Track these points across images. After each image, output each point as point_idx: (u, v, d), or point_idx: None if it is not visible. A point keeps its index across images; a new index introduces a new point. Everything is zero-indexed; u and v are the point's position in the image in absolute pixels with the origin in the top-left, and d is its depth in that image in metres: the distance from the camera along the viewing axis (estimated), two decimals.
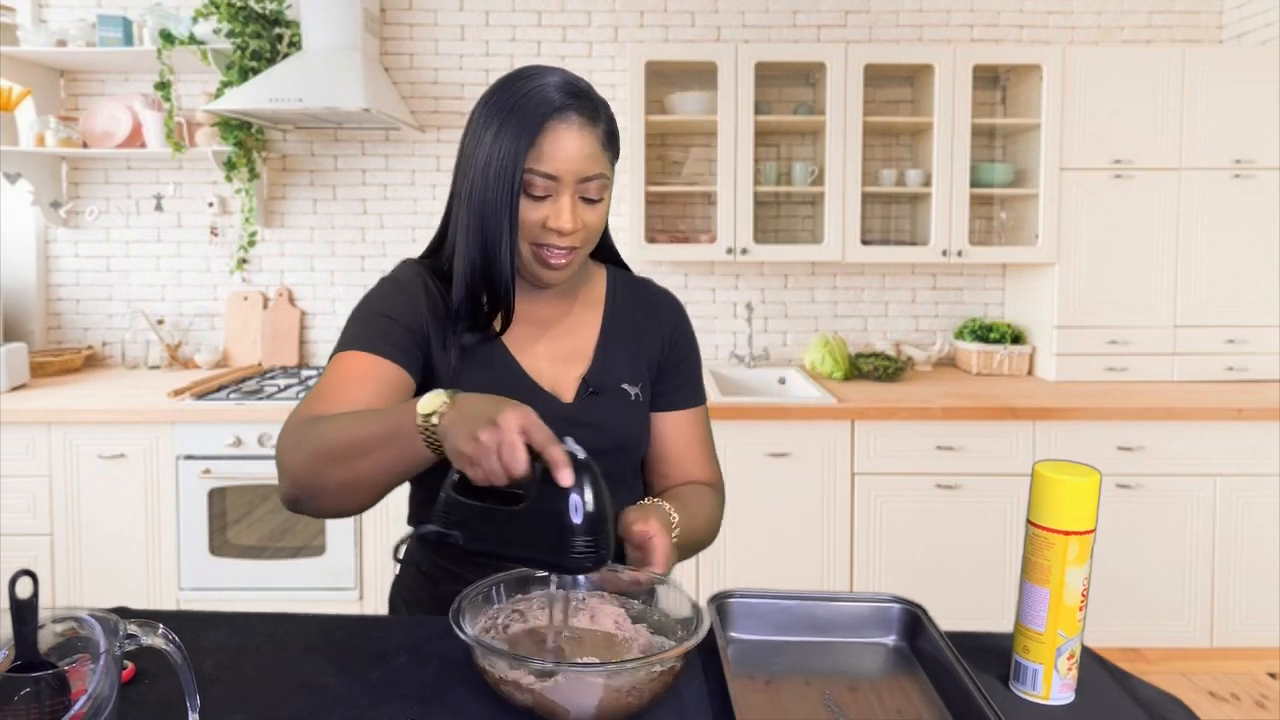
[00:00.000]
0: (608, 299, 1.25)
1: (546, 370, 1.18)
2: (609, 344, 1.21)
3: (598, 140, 1.07)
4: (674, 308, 1.30)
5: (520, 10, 3.29)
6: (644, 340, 1.24)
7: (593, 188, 1.07)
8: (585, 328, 1.22)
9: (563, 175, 1.05)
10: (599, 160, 1.07)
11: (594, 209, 1.09)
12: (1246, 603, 2.78)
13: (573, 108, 1.05)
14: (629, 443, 1.20)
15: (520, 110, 1.05)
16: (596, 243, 1.15)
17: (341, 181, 3.34)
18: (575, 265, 1.13)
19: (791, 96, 3.32)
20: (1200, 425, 2.73)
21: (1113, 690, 0.94)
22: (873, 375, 3.11)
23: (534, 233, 1.08)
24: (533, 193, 1.06)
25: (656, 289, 1.31)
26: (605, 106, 1.11)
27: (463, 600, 0.91)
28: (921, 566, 2.76)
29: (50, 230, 3.33)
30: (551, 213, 1.06)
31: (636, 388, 1.21)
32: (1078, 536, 0.89)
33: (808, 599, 1.06)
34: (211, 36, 3.00)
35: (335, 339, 1.15)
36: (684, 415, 1.26)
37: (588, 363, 1.19)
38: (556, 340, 1.20)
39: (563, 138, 1.04)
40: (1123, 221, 3.02)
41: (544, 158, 1.04)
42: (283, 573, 2.75)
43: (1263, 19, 3.10)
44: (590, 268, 1.26)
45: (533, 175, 1.05)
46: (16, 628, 0.69)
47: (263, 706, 0.88)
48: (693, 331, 1.31)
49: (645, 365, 1.23)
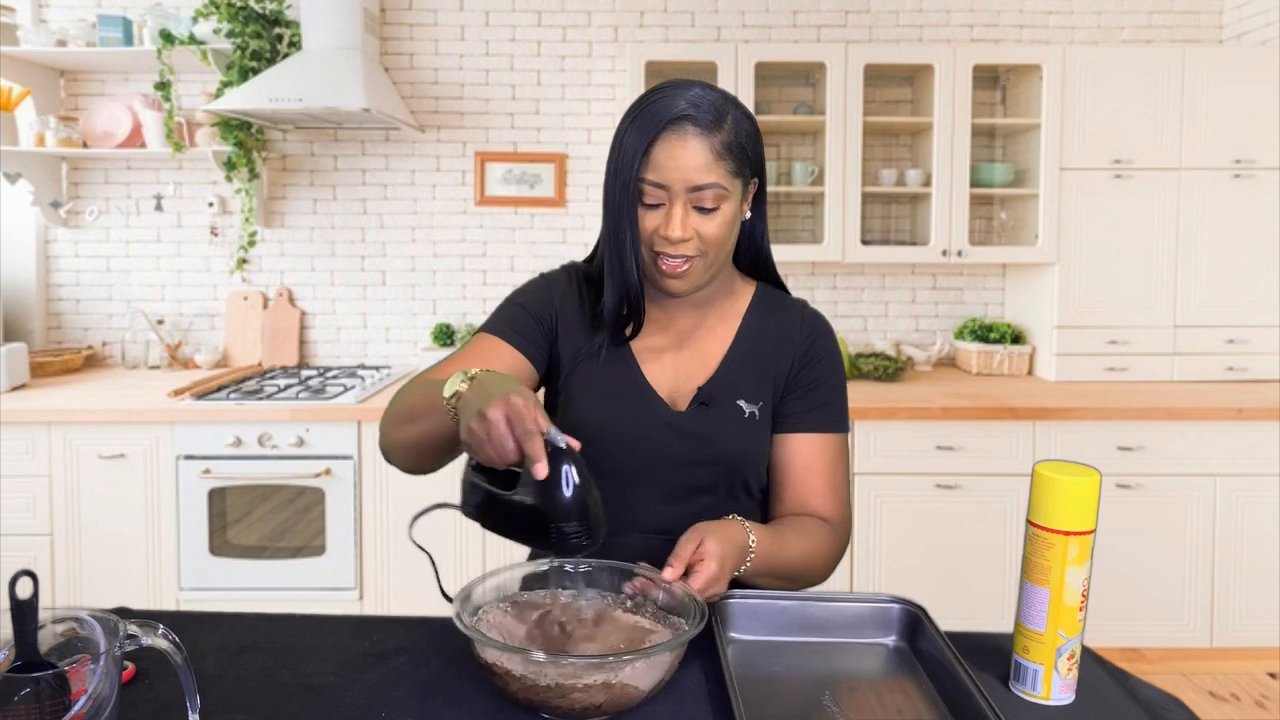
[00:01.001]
0: (747, 314, 1.23)
1: (669, 378, 1.18)
2: (735, 359, 1.20)
3: (712, 150, 1.06)
4: (815, 327, 1.24)
5: (520, 10, 3.29)
6: (775, 358, 1.21)
7: (707, 197, 1.07)
8: (716, 340, 1.21)
9: (672, 184, 1.07)
10: (712, 170, 1.07)
11: (710, 218, 1.09)
12: (1246, 603, 2.78)
13: (689, 118, 1.06)
14: (734, 458, 1.17)
15: (640, 120, 1.08)
16: (723, 253, 1.13)
17: (341, 181, 3.34)
18: (698, 274, 1.12)
19: (791, 96, 3.32)
20: (1200, 425, 2.73)
21: (1113, 690, 0.94)
22: (873, 375, 3.11)
23: (650, 240, 1.11)
24: (646, 201, 1.09)
25: (806, 310, 1.26)
26: (736, 118, 1.10)
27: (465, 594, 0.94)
28: (921, 566, 2.76)
29: (50, 230, 3.33)
30: (663, 221, 1.08)
31: (755, 406, 1.18)
32: (1078, 537, 0.89)
33: (807, 599, 1.06)
34: (211, 36, 3.00)
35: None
36: (809, 440, 1.20)
37: (710, 374, 1.19)
38: (685, 350, 1.20)
39: (674, 147, 1.06)
40: (1123, 221, 3.02)
41: (654, 167, 1.07)
42: (283, 573, 2.75)
43: (1263, 19, 3.10)
44: (737, 282, 1.25)
45: (645, 184, 1.08)
46: (16, 628, 0.69)
47: (263, 706, 0.88)
48: (837, 354, 1.25)
49: (771, 383, 1.20)
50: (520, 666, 0.82)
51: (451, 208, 3.34)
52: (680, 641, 0.86)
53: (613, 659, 0.82)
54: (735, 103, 1.12)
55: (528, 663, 0.82)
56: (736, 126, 1.09)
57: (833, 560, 1.18)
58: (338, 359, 3.35)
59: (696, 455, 1.16)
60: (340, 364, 3.32)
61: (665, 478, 1.15)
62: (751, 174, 1.14)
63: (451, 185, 3.34)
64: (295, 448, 2.71)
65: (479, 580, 0.98)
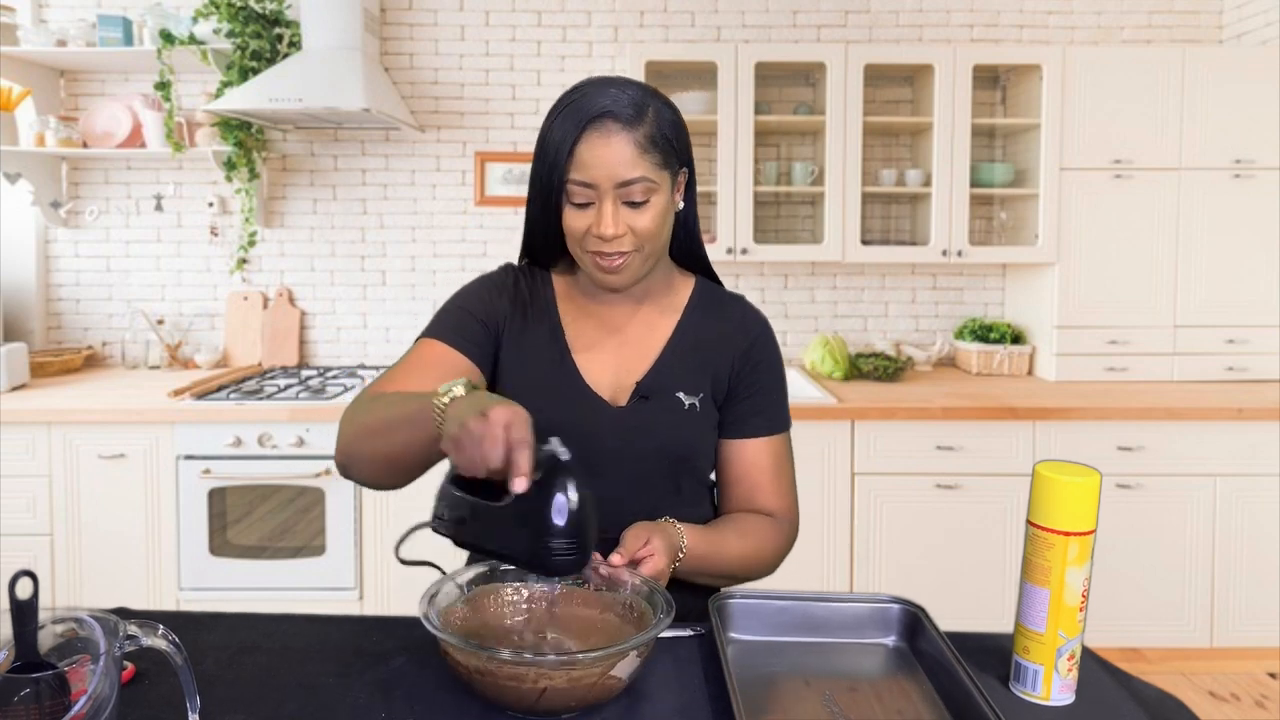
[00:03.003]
0: (687, 309, 1.23)
1: (609, 374, 1.19)
2: (674, 352, 1.20)
3: (636, 144, 1.06)
4: (755, 327, 1.25)
5: (520, 10, 3.29)
6: (714, 354, 1.21)
7: (636, 191, 1.07)
8: (656, 334, 1.21)
9: (599, 182, 1.06)
10: (638, 164, 1.06)
11: (641, 212, 1.09)
12: (1246, 603, 2.78)
13: (611, 114, 1.06)
14: (677, 449, 1.18)
15: (562, 121, 1.08)
16: (659, 246, 1.14)
17: (341, 181, 3.34)
18: (636, 268, 1.13)
19: (791, 96, 3.32)
20: (1200, 425, 2.73)
21: (1113, 690, 0.94)
22: (873, 375, 3.11)
23: (584, 240, 1.10)
24: (575, 201, 1.09)
25: (745, 307, 1.27)
26: (658, 109, 1.10)
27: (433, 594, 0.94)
28: (921, 566, 2.76)
29: (50, 230, 3.33)
30: (595, 220, 1.08)
31: (695, 398, 1.18)
32: (1078, 537, 0.89)
33: (807, 599, 1.06)
34: (211, 36, 3.00)
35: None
36: (753, 444, 1.22)
37: (649, 368, 1.19)
38: (624, 345, 1.20)
39: (597, 145, 1.06)
40: (1123, 221, 3.02)
41: (579, 166, 1.06)
42: (283, 573, 2.75)
43: (1263, 19, 3.10)
44: (676, 277, 1.26)
45: (572, 184, 1.07)
46: (16, 628, 0.69)
47: (263, 706, 0.88)
48: (778, 354, 1.26)
49: (710, 378, 1.20)
50: (497, 665, 0.83)
51: (451, 208, 3.34)
52: (655, 633, 0.87)
53: (599, 654, 0.83)
54: (656, 95, 1.12)
55: (502, 663, 0.83)
56: (659, 118, 1.09)
57: (777, 555, 1.21)
58: (338, 359, 3.35)
59: (640, 449, 1.16)
60: (340, 364, 3.32)
61: (610, 474, 1.14)
62: (679, 164, 1.14)
63: (451, 185, 3.34)
64: (295, 448, 2.71)
65: (445, 579, 0.99)
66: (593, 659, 0.82)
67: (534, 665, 0.82)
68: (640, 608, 0.97)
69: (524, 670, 0.82)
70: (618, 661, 0.84)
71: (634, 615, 0.97)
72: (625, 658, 0.84)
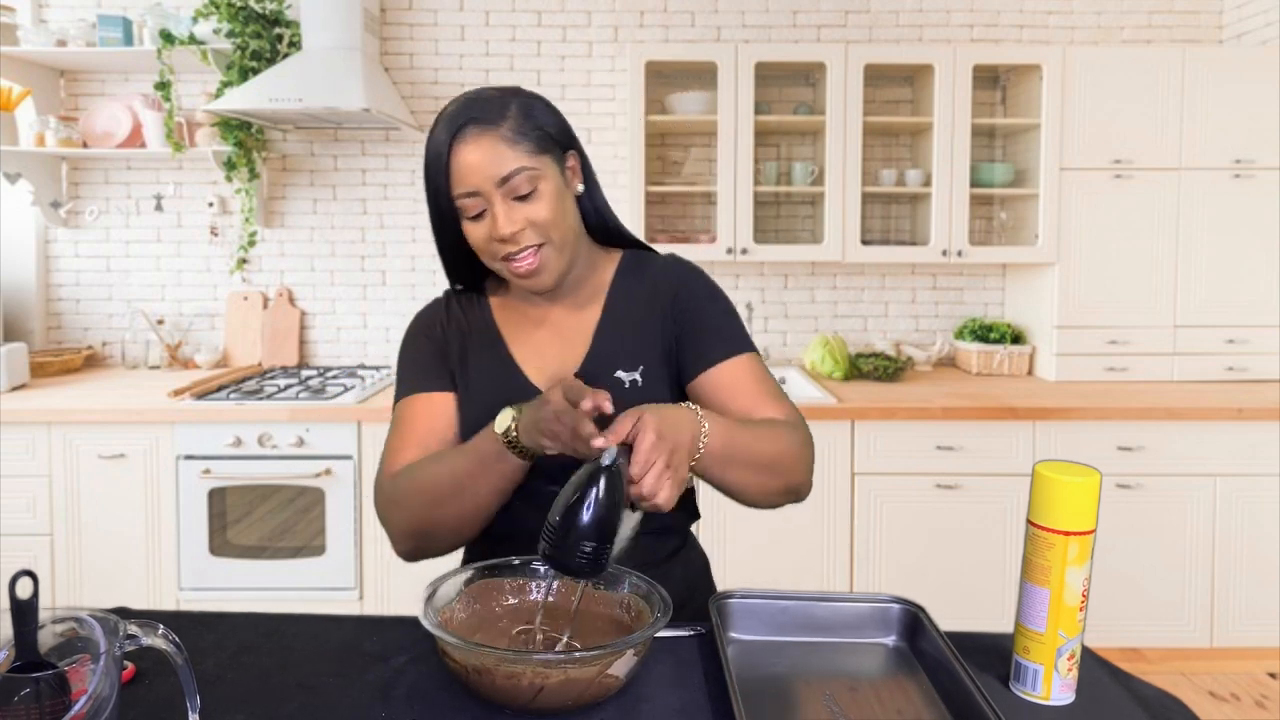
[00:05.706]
0: (611, 285, 1.23)
1: (551, 369, 1.18)
2: (605, 333, 1.19)
3: (502, 139, 1.07)
4: (674, 273, 1.22)
5: (520, 10, 3.29)
6: (645, 320, 1.19)
7: (519, 184, 1.07)
8: (586, 319, 1.21)
9: (480, 186, 1.07)
10: (509, 156, 1.06)
11: (533, 203, 1.08)
12: (1246, 603, 2.78)
13: (472, 120, 1.07)
14: None
15: (432, 142, 1.09)
16: (568, 234, 1.12)
17: (341, 181, 3.34)
18: (553, 263, 1.12)
19: (791, 96, 3.32)
20: (1200, 425, 2.73)
21: (1113, 690, 0.94)
22: (873, 375, 3.11)
23: (490, 249, 1.11)
24: (470, 215, 1.09)
25: (658, 259, 1.25)
26: (520, 103, 1.10)
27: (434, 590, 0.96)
28: (921, 567, 2.76)
29: (50, 230, 3.33)
30: (491, 224, 1.08)
31: (635, 373, 1.16)
32: (1078, 537, 0.89)
33: (807, 599, 1.06)
34: (211, 36, 3.00)
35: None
36: (726, 368, 1.15)
37: (584, 354, 1.19)
38: (559, 338, 1.20)
39: (467, 153, 1.07)
40: (1123, 221, 3.02)
41: (458, 179, 1.08)
42: (283, 573, 2.75)
43: (1263, 19, 3.10)
44: (598, 258, 1.24)
45: (459, 199, 1.09)
46: (16, 628, 0.69)
47: (263, 706, 0.88)
48: (708, 286, 1.22)
49: (650, 346, 1.18)
50: (496, 663, 0.83)
51: None
52: (652, 632, 0.87)
53: (598, 652, 0.83)
54: (519, 92, 1.12)
55: (503, 660, 0.83)
56: (522, 109, 1.10)
57: (805, 448, 1.11)
58: (338, 359, 3.35)
59: None
60: (340, 364, 3.32)
61: (567, 468, 1.13)
62: (561, 148, 1.13)
63: None
64: (295, 448, 2.71)
65: (444, 579, 0.99)
66: (589, 657, 0.83)
67: (530, 664, 0.82)
68: (638, 607, 0.97)
69: (521, 669, 0.82)
70: (615, 660, 0.84)
71: (631, 614, 0.97)
72: (622, 656, 0.84)
